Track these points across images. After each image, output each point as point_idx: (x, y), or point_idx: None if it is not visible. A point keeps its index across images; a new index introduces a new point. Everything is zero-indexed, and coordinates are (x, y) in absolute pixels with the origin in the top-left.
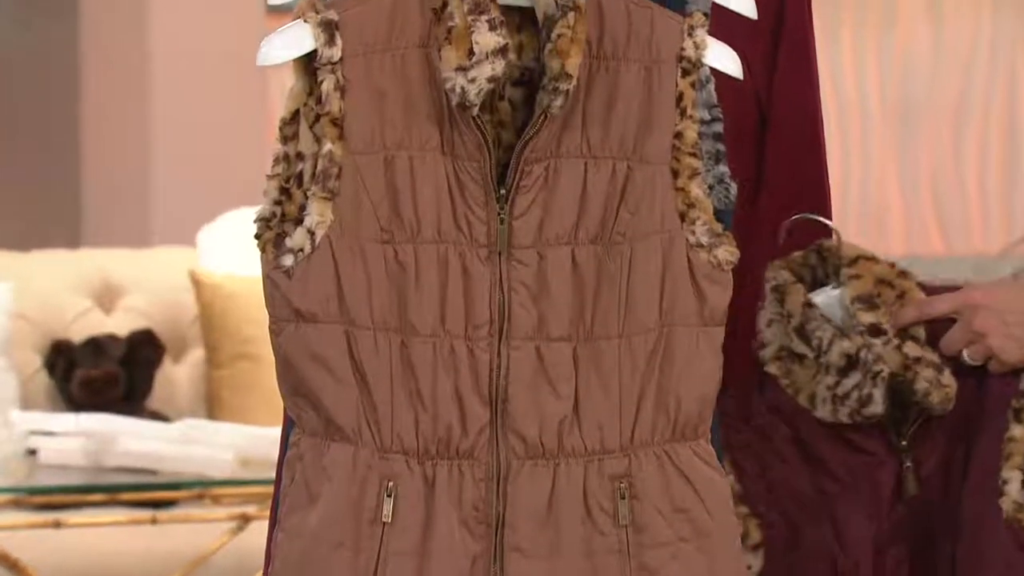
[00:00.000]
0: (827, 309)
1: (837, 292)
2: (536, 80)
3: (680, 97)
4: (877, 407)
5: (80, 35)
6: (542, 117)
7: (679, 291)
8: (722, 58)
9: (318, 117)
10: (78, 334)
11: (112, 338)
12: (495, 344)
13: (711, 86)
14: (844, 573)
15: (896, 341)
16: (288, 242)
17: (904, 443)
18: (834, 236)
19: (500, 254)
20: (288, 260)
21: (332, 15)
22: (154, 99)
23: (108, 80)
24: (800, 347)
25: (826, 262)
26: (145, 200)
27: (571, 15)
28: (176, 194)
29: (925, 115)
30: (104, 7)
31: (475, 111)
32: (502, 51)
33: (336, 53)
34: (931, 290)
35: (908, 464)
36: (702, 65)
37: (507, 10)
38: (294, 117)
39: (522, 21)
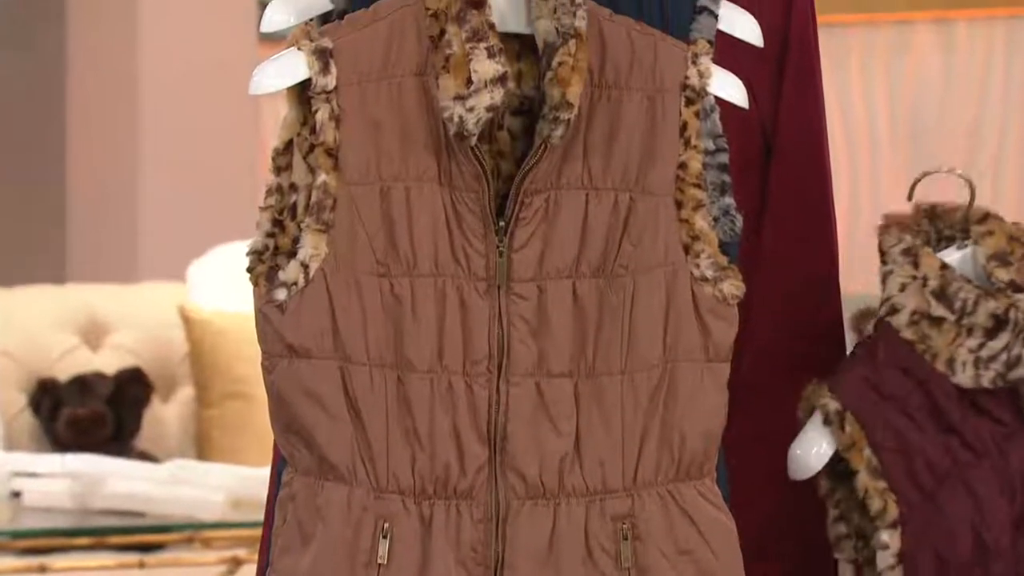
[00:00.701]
0: (959, 269)
1: (965, 252)
2: (536, 109)
3: (684, 127)
4: None
5: (67, 64)
6: (542, 147)
7: (683, 326)
8: (727, 87)
9: (312, 147)
10: (64, 372)
11: (99, 376)
12: (494, 380)
13: (716, 115)
14: (989, 547)
15: None
16: (281, 275)
17: None
18: (968, 190)
19: (499, 288)
20: (281, 294)
21: (326, 43)
22: (143, 129)
23: (95, 110)
24: (939, 310)
25: (936, 225)
26: (133, 233)
27: (572, 42)
28: (165, 227)
29: (936, 143)
30: (91, 37)
31: (473, 141)
32: (501, 79)
33: (331, 82)
34: None
35: None
36: (706, 94)
37: (506, 37)
38: (287, 147)
39: (522, 49)
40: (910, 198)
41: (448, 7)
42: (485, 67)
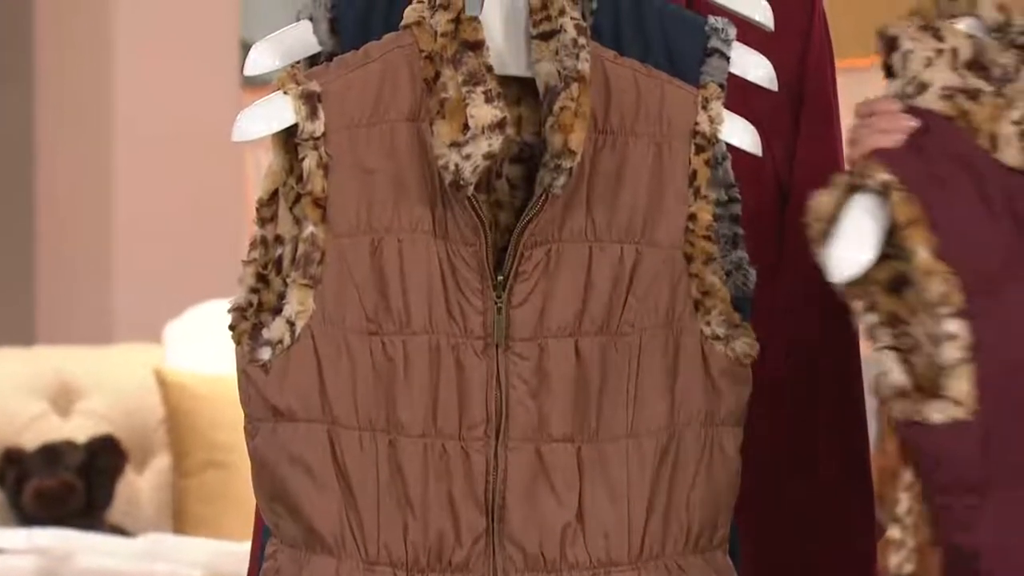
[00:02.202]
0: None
1: (969, 21)
2: (537, 157)
3: (693, 175)
4: None
5: (35, 111)
6: (543, 197)
7: (692, 387)
8: (739, 133)
9: (299, 197)
10: (31, 440)
11: (69, 445)
12: (492, 445)
13: (727, 163)
14: None
15: None
16: (265, 333)
17: None
18: None
19: (497, 346)
20: (265, 353)
21: (314, 86)
22: (117, 179)
23: (66, 159)
24: (975, 82)
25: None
26: (106, 291)
27: (575, 86)
28: (140, 285)
29: None
30: (63, 80)
31: (470, 190)
32: (500, 125)
33: (319, 127)
34: None
35: None
36: (717, 141)
37: (505, 81)
38: (272, 197)
39: (521, 93)
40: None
41: (444, 49)
42: (483, 112)
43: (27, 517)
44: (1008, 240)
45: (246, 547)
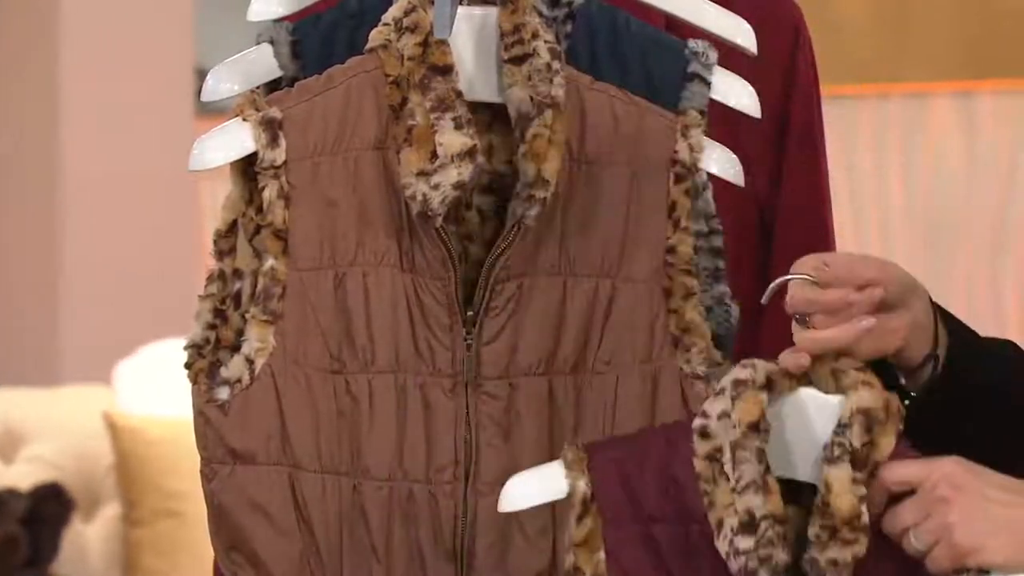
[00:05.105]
0: (796, 416)
1: (833, 400)
2: (508, 186)
3: (672, 206)
4: None
5: None
6: (515, 229)
7: None
8: (720, 162)
9: (259, 228)
10: None
11: (12, 493)
12: (461, 489)
13: (708, 193)
14: None
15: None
16: (223, 372)
17: None
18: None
19: (467, 385)
20: (223, 393)
21: (275, 112)
22: (64, 211)
23: (9, 189)
24: (727, 467)
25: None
26: (52, 330)
27: (548, 113)
28: (89, 323)
29: (957, 234)
30: (6, 108)
31: (439, 221)
32: (470, 153)
33: (279, 156)
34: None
35: None
36: (697, 170)
37: (476, 107)
38: (231, 229)
39: (493, 120)
40: (764, 302)
41: (411, 73)
42: (452, 140)
43: None
44: None
45: None
